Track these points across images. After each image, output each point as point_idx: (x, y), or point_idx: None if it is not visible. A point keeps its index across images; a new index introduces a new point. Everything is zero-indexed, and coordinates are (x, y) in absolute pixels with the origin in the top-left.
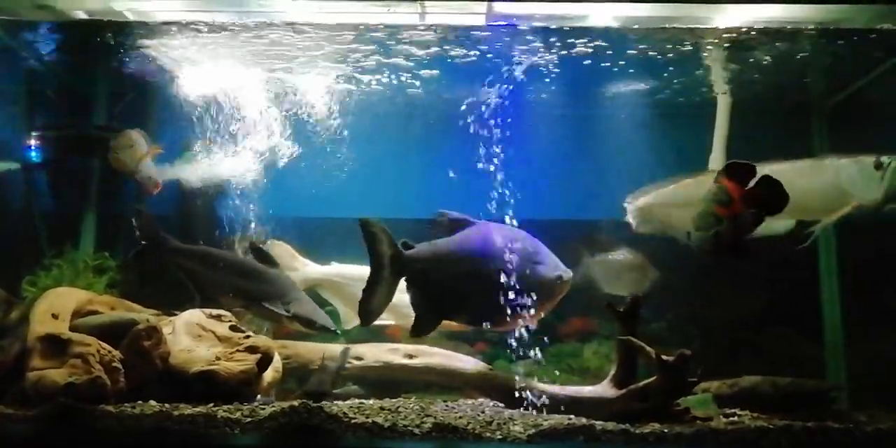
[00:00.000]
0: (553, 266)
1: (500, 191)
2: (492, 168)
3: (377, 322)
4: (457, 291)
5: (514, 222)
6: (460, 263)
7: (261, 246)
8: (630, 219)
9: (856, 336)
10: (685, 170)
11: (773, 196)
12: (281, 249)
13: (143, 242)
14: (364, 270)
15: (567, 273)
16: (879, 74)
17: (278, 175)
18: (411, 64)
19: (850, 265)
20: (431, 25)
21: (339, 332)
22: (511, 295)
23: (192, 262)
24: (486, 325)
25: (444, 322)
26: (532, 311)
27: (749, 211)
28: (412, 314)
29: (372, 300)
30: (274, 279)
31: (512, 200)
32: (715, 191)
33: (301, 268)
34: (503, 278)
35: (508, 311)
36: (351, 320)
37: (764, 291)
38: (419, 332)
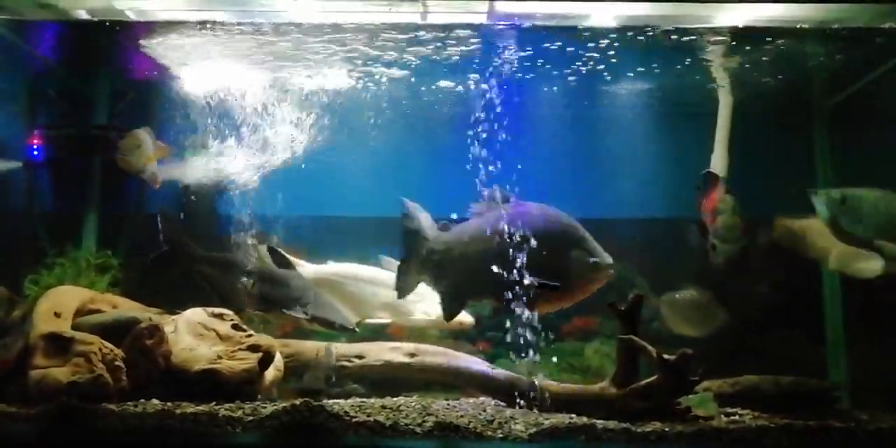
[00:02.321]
0: (592, 252)
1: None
2: (496, 164)
3: (378, 321)
4: (486, 271)
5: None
6: (493, 242)
7: (278, 249)
8: None
9: (857, 338)
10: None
11: None
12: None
13: (165, 246)
14: (360, 269)
15: (607, 260)
16: (881, 74)
17: (278, 174)
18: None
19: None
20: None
21: (357, 330)
22: (543, 277)
23: (212, 269)
24: (515, 307)
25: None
26: (564, 296)
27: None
28: (412, 314)
29: (405, 277)
30: (291, 282)
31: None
32: (736, 203)
33: (297, 268)
34: (536, 260)
35: (538, 294)
36: (350, 319)
37: (767, 292)
38: (447, 312)
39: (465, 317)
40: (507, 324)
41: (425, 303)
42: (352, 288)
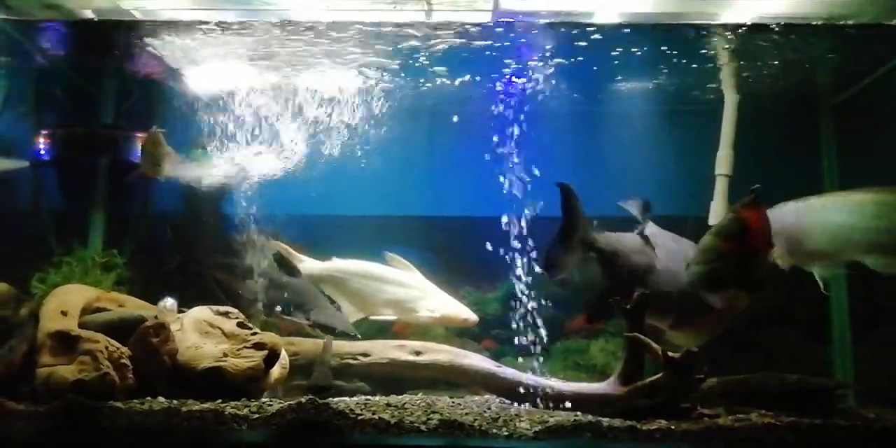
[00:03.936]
0: None
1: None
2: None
3: (382, 318)
4: (648, 283)
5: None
6: (655, 256)
7: (284, 255)
8: None
9: (862, 336)
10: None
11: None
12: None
13: (179, 257)
14: (364, 266)
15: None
16: (888, 71)
17: (281, 174)
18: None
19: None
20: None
21: (359, 336)
22: (688, 302)
23: (223, 275)
24: (669, 324)
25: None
26: (714, 320)
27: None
28: (416, 311)
29: (556, 255)
30: (296, 288)
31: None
32: (726, 224)
33: (300, 264)
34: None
35: (696, 314)
36: (354, 315)
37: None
38: (596, 315)
39: (470, 314)
40: (513, 322)
41: (430, 300)
42: (357, 285)
